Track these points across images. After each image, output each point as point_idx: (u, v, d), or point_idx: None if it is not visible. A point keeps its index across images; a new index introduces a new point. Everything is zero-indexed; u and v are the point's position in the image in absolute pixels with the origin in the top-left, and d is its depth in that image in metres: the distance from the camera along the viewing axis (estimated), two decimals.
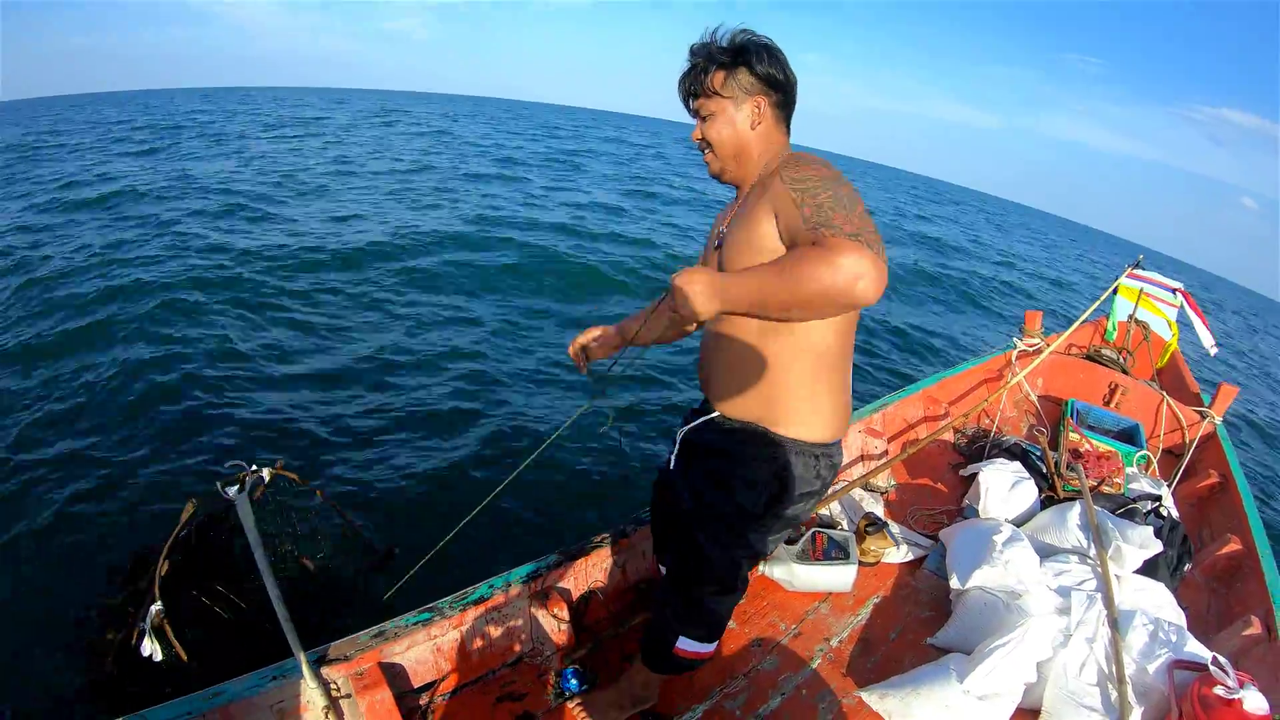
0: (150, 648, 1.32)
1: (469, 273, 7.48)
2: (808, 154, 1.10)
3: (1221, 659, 1.51)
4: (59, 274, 6.37)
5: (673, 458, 1.40)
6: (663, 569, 1.65)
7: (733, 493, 1.25)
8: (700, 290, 0.97)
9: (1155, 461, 2.72)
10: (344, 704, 1.48)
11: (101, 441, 3.72)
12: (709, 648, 1.43)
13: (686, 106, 1.23)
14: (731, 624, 1.92)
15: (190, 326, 5.37)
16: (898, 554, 2.17)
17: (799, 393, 1.18)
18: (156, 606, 1.98)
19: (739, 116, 1.18)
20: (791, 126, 1.25)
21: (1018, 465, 2.42)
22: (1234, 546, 2.20)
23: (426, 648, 1.59)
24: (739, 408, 1.24)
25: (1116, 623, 1.76)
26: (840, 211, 0.94)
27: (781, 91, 1.18)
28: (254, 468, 2.20)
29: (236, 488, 1.31)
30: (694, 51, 1.18)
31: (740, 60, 1.15)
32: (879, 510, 2.35)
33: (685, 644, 1.41)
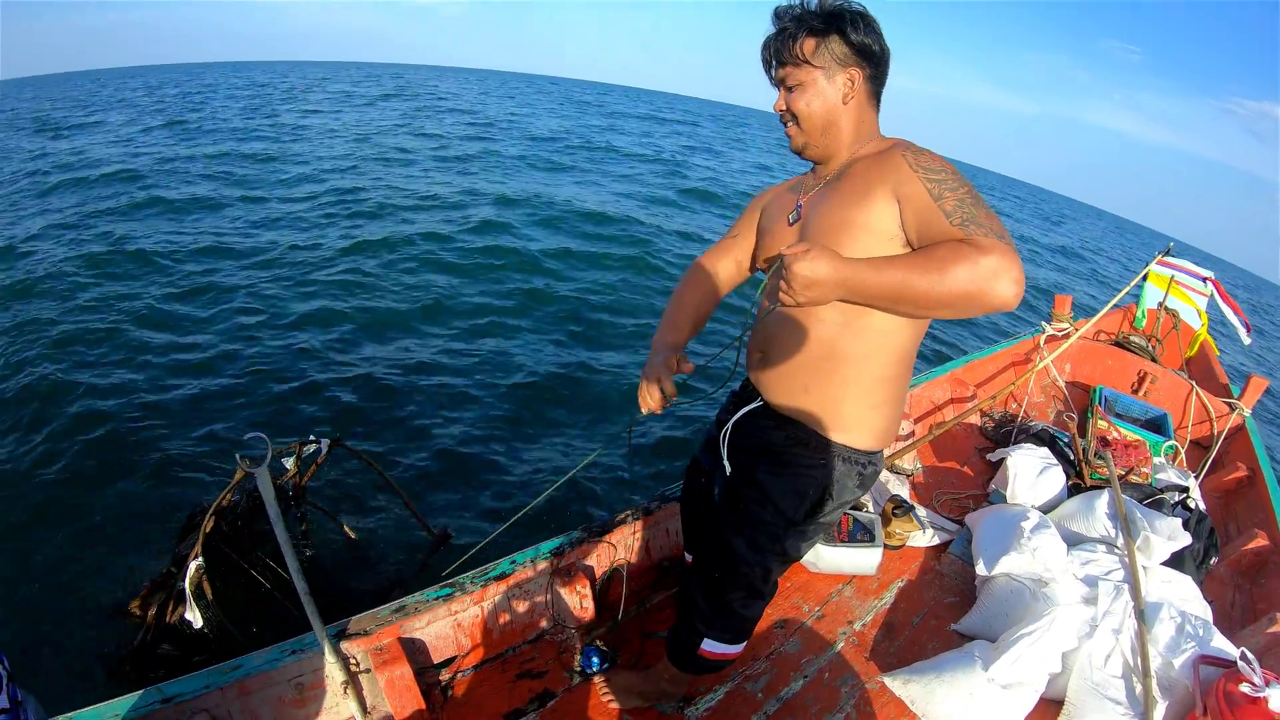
0: (192, 614, 1.30)
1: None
2: (915, 143, 1.05)
3: (1249, 655, 1.50)
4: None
5: (702, 448, 1.35)
6: (688, 557, 1.61)
7: (778, 503, 1.20)
8: (826, 275, 0.90)
9: (1183, 452, 2.68)
10: (363, 679, 1.47)
11: (173, 401, 3.84)
12: (735, 649, 1.39)
13: (769, 74, 1.13)
14: None
15: (271, 294, 5.45)
16: (923, 538, 2.14)
17: (865, 398, 1.13)
18: (197, 563, 1.99)
19: (830, 89, 1.08)
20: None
21: (1045, 451, 2.38)
22: (1261, 542, 2.17)
23: (447, 623, 1.57)
24: (796, 403, 1.17)
25: (1143, 614, 1.74)
26: (983, 210, 0.91)
27: (876, 64, 1.10)
28: (311, 438, 2.27)
29: (271, 458, 1.26)
30: (780, 14, 1.08)
31: (834, 27, 1.05)
32: (904, 492, 2.33)
33: (711, 645, 1.37)
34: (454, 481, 3.21)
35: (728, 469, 1.31)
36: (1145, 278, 3.39)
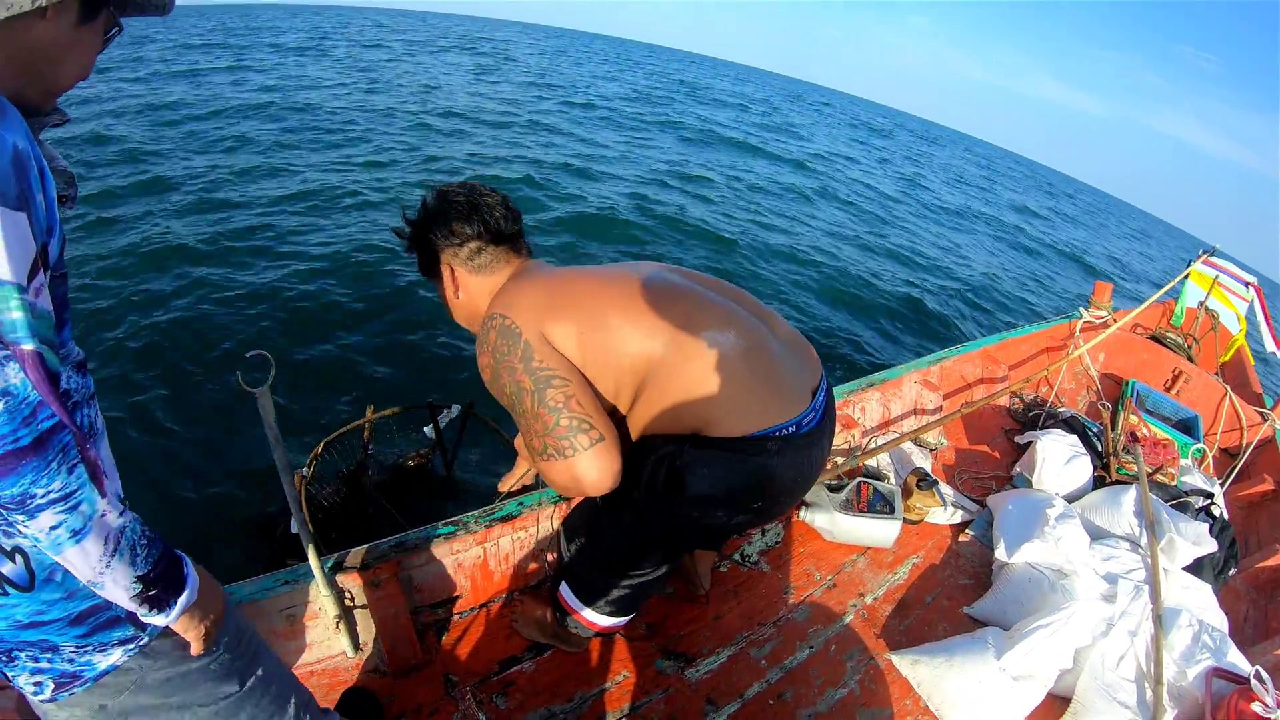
0: (295, 522, 1.29)
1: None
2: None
3: (1264, 674, 1.47)
4: None
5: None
6: None
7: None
8: None
9: (1210, 457, 2.63)
10: (357, 614, 1.42)
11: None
12: (586, 611, 1.40)
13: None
14: (765, 568, 1.85)
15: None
16: (943, 515, 2.11)
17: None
18: (303, 470, 2.17)
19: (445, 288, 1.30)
20: None
21: (1074, 439, 2.33)
22: None
23: (448, 562, 1.52)
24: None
25: (1161, 619, 1.71)
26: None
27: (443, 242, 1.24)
28: (451, 405, 2.73)
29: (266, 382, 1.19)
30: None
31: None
32: (927, 466, 2.27)
33: (564, 591, 1.42)
34: None
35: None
36: (1187, 276, 3.28)
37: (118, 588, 0.70)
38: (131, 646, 0.78)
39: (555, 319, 1.08)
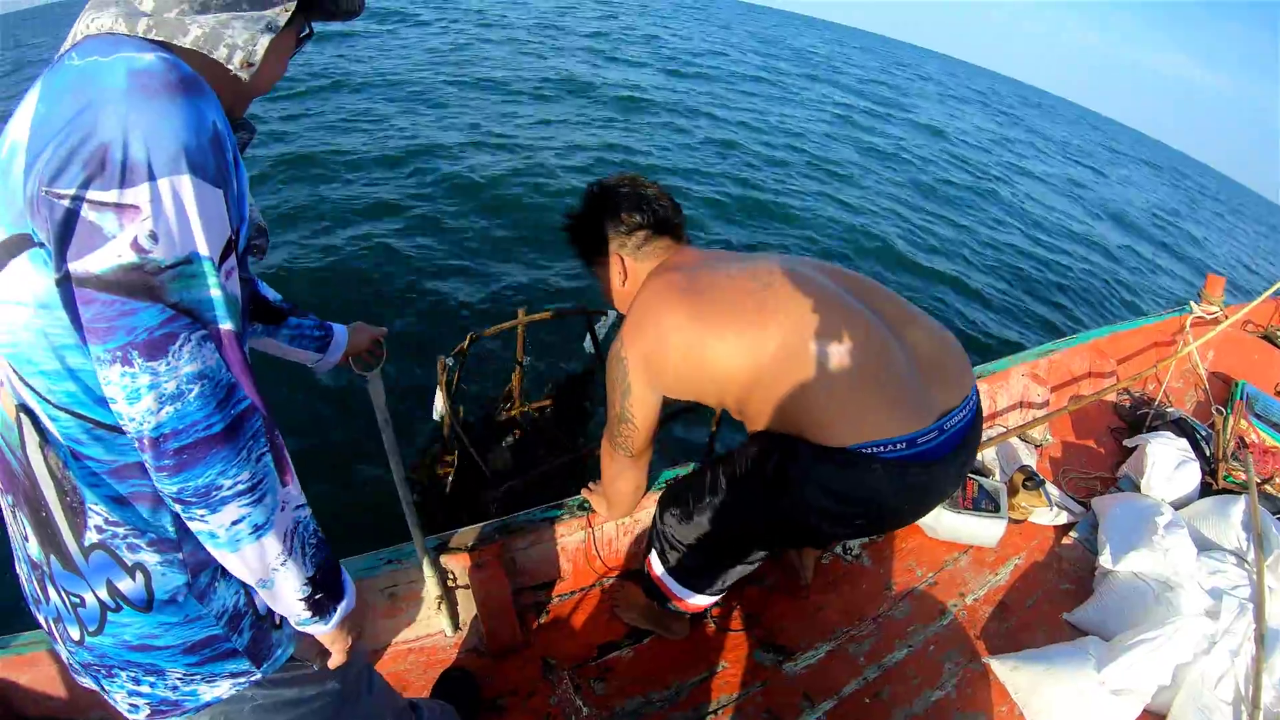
0: (439, 405, 1.30)
1: None
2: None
3: None
4: None
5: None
6: None
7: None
8: None
9: None
10: (459, 594, 1.37)
11: None
12: (675, 586, 1.42)
13: None
14: (866, 562, 1.79)
15: None
16: (1047, 515, 2.06)
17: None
18: (449, 360, 2.29)
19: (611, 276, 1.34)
20: None
21: (1184, 443, 2.24)
22: None
23: (551, 546, 1.48)
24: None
25: (1263, 639, 1.65)
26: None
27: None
28: (609, 311, 2.87)
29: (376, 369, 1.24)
30: None
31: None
32: (1033, 463, 2.20)
33: (654, 560, 1.44)
34: None
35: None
36: None
37: (287, 588, 0.68)
38: (242, 681, 0.73)
39: (666, 346, 1.14)
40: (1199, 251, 13.63)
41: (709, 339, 1.11)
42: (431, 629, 1.46)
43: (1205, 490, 2.21)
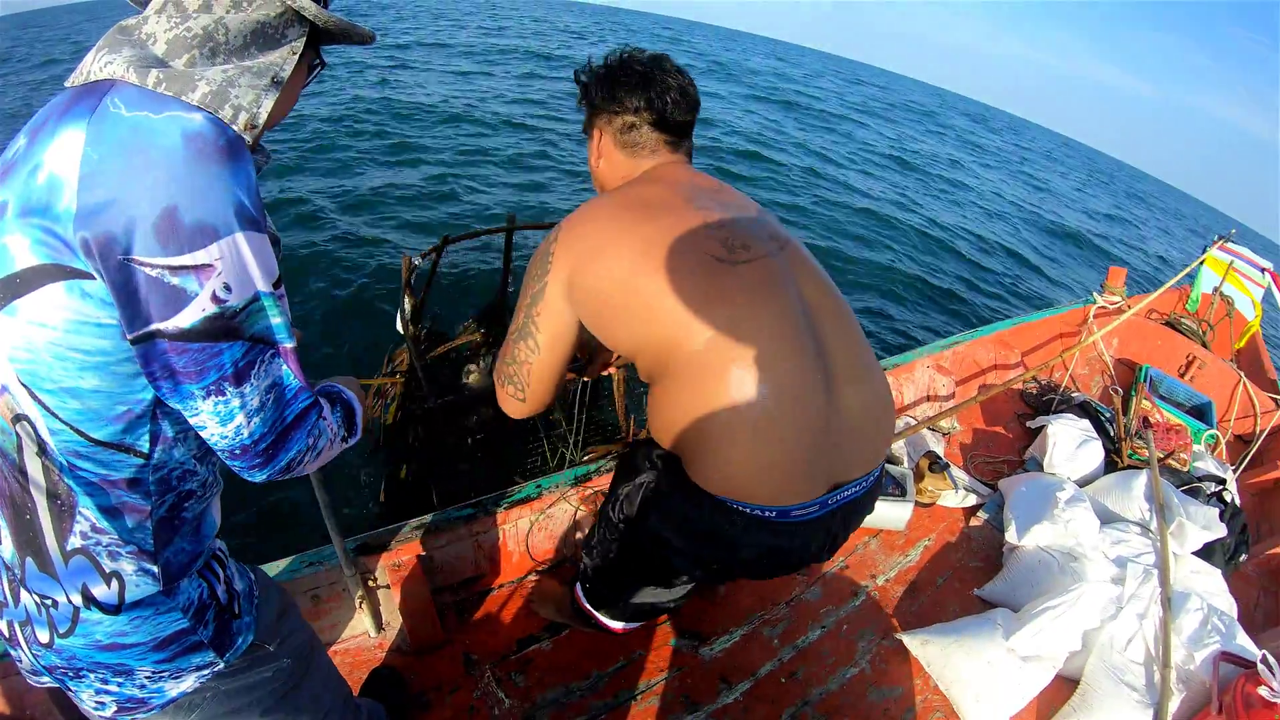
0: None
1: None
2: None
3: (1271, 659, 1.50)
4: None
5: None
6: None
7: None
8: None
9: (1224, 444, 2.65)
10: (380, 594, 1.46)
11: None
12: (601, 615, 1.43)
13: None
14: None
15: None
16: (954, 498, 2.15)
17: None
18: (418, 260, 2.20)
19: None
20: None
21: (1086, 423, 2.37)
22: None
23: (468, 544, 1.56)
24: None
25: (1170, 602, 1.74)
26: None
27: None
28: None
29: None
30: None
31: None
32: (939, 450, 2.29)
33: (579, 591, 1.45)
34: None
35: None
36: (1203, 262, 3.27)
37: (333, 454, 0.81)
38: (206, 673, 0.77)
39: (603, 258, 0.97)
40: (1112, 246, 14.25)
41: (650, 284, 0.94)
42: (355, 630, 1.50)
43: (1110, 468, 2.30)
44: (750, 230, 1.02)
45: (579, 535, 1.76)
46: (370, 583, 1.44)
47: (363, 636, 1.51)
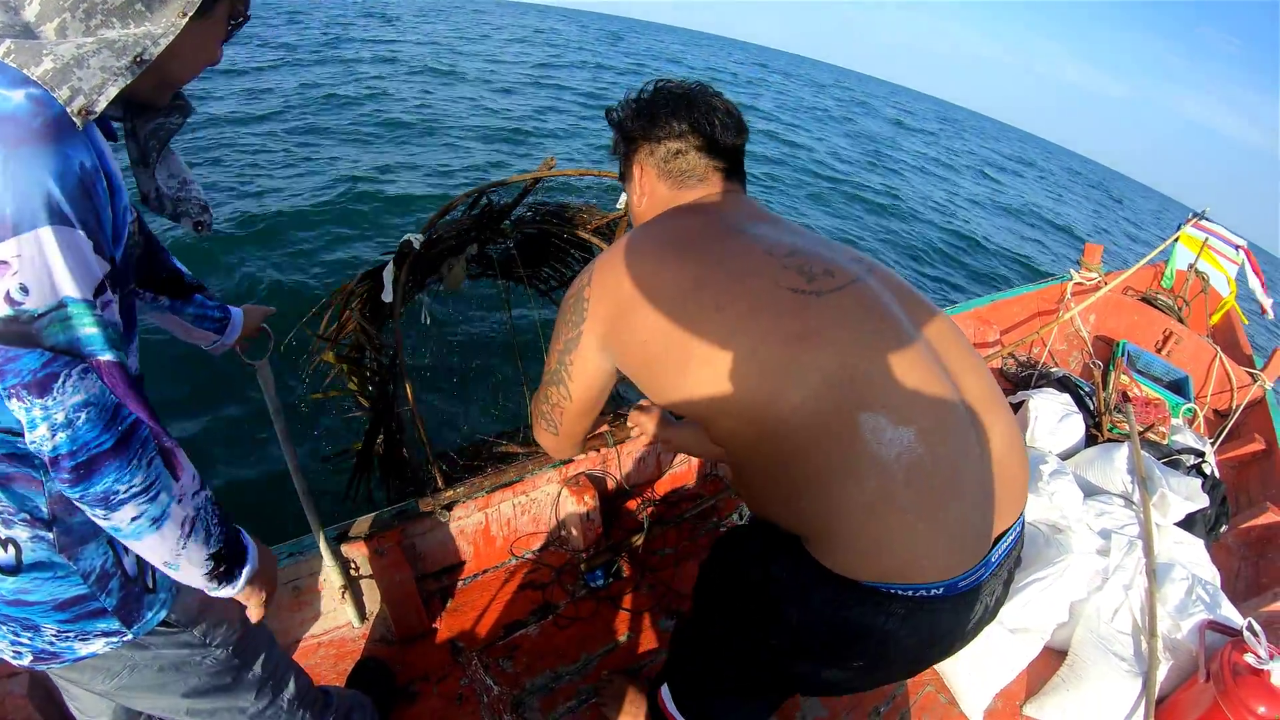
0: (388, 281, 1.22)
1: None
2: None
3: (1256, 626, 1.51)
4: None
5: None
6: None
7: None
8: None
9: (1201, 417, 2.69)
10: (362, 584, 1.43)
11: None
12: None
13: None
14: None
15: None
16: None
17: None
18: (417, 237, 1.69)
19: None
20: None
21: (1067, 398, 2.38)
22: (1271, 517, 2.21)
23: (447, 530, 1.52)
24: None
25: (1155, 573, 1.75)
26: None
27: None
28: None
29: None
30: None
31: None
32: None
33: (665, 693, 1.18)
34: None
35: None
36: (1177, 239, 3.32)
37: (192, 567, 0.73)
38: (115, 640, 0.78)
39: (643, 307, 0.82)
40: (1085, 230, 14.83)
41: (711, 331, 0.78)
42: (338, 620, 1.47)
43: (1090, 442, 2.32)
44: (827, 254, 0.85)
45: (562, 518, 1.73)
46: (352, 572, 1.41)
47: (346, 627, 1.48)
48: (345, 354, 1.57)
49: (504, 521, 1.62)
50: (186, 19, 0.63)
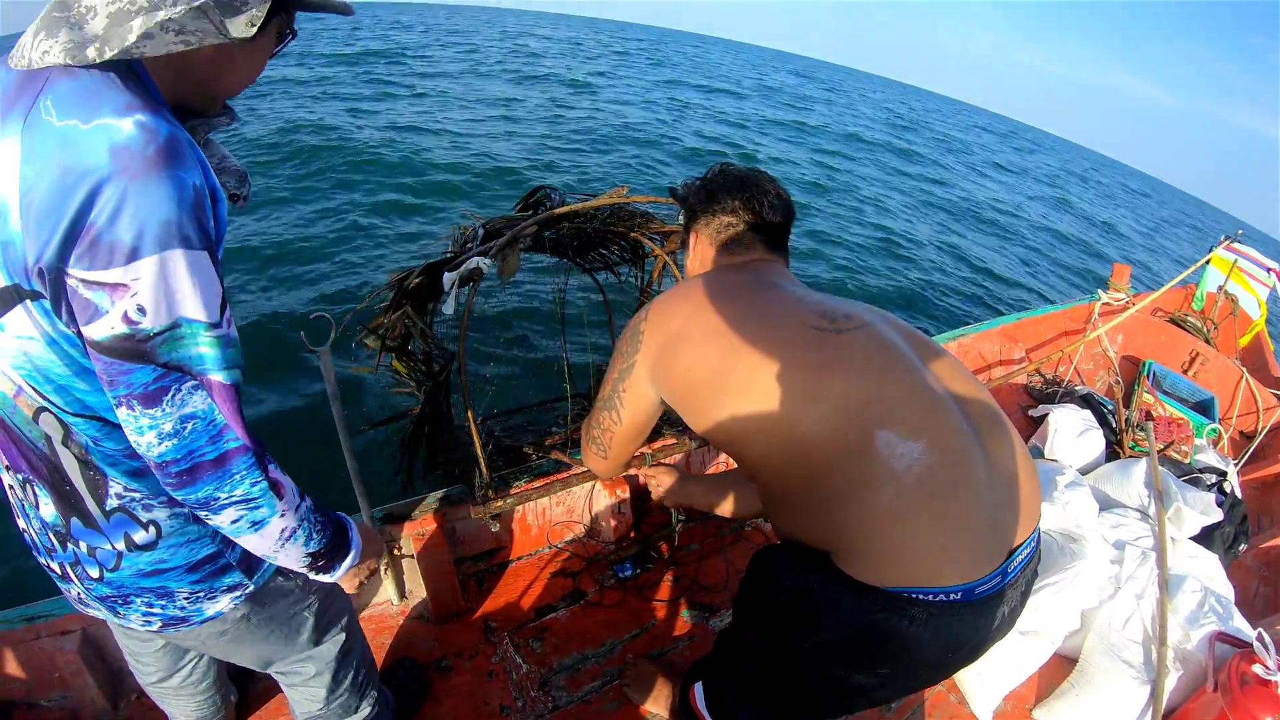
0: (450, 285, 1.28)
1: None
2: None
3: (1266, 636, 1.53)
4: None
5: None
6: None
7: None
8: None
9: (1226, 438, 2.69)
10: (404, 562, 1.52)
11: None
12: None
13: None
14: None
15: None
16: None
17: None
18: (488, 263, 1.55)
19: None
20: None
21: (1088, 414, 2.41)
22: None
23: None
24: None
25: (1166, 584, 1.78)
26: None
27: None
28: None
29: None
30: None
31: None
32: None
33: (698, 692, 1.25)
34: None
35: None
36: (1209, 262, 3.31)
37: (290, 560, 0.80)
38: (238, 594, 0.85)
39: (690, 341, 0.95)
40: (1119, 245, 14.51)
41: (746, 358, 0.89)
42: (380, 598, 1.57)
43: (1112, 458, 2.34)
44: (848, 307, 0.97)
45: (595, 511, 1.82)
46: (395, 551, 1.51)
47: (385, 604, 1.58)
48: (393, 343, 1.58)
49: (540, 512, 1.71)
50: (255, 28, 0.65)
